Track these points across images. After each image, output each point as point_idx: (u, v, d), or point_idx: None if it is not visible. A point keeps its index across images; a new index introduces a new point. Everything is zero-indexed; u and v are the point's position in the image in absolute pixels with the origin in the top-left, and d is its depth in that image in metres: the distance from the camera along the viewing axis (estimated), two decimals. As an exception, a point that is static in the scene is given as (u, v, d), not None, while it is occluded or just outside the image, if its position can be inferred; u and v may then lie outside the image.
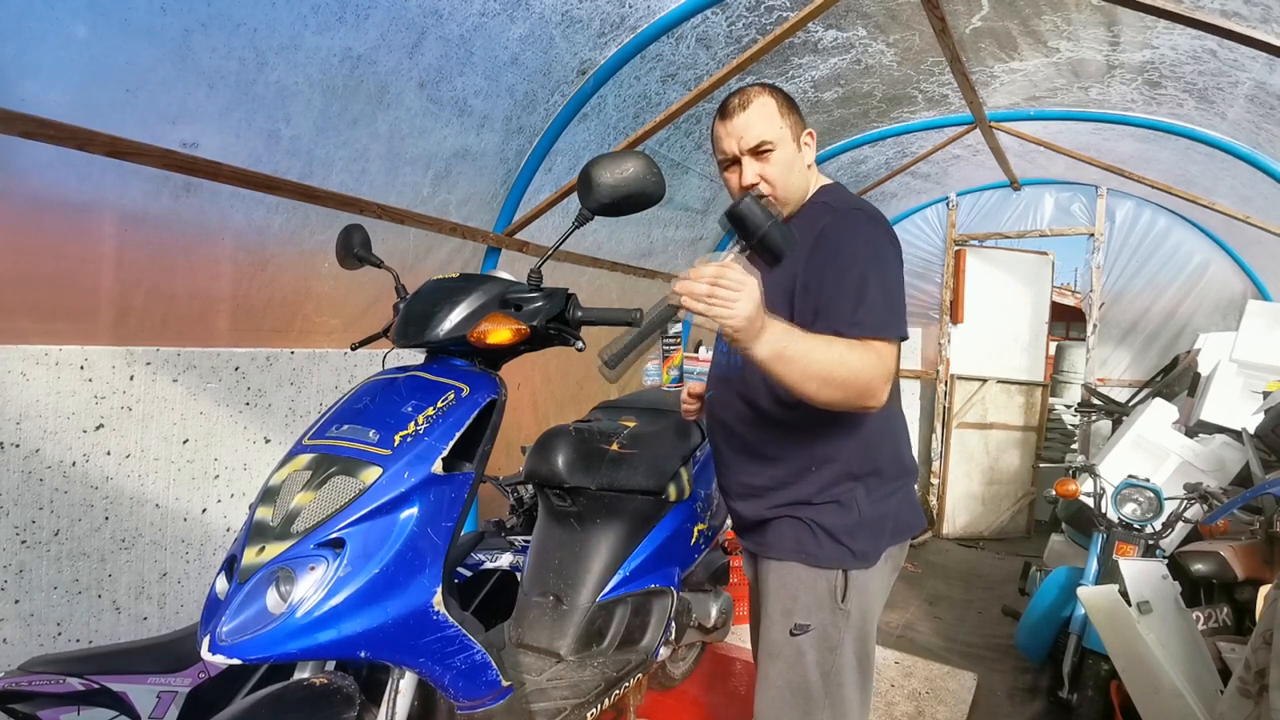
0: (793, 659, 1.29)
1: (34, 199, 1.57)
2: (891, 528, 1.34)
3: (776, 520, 1.34)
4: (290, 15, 1.74)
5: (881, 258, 1.23)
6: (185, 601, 1.97)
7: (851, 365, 1.11)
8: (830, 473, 1.30)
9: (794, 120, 1.32)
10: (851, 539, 1.28)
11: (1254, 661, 1.41)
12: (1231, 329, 3.47)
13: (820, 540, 1.29)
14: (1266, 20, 2.06)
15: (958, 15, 2.59)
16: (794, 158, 1.32)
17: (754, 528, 1.40)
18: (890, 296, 1.20)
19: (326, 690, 1.04)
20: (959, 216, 5.10)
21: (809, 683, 1.28)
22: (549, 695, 1.61)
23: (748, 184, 1.30)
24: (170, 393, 1.89)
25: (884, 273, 1.21)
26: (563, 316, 1.35)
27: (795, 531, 1.31)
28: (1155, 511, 2.33)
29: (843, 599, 1.28)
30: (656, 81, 2.79)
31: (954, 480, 4.94)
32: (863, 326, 1.15)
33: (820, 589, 1.28)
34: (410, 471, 1.11)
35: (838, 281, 1.19)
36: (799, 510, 1.31)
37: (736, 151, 1.31)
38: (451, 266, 2.75)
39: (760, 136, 1.28)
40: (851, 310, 1.16)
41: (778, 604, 1.32)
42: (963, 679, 2.69)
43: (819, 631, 1.28)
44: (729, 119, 1.31)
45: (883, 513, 1.32)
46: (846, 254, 1.21)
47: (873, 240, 1.24)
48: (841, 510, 1.29)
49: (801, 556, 1.30)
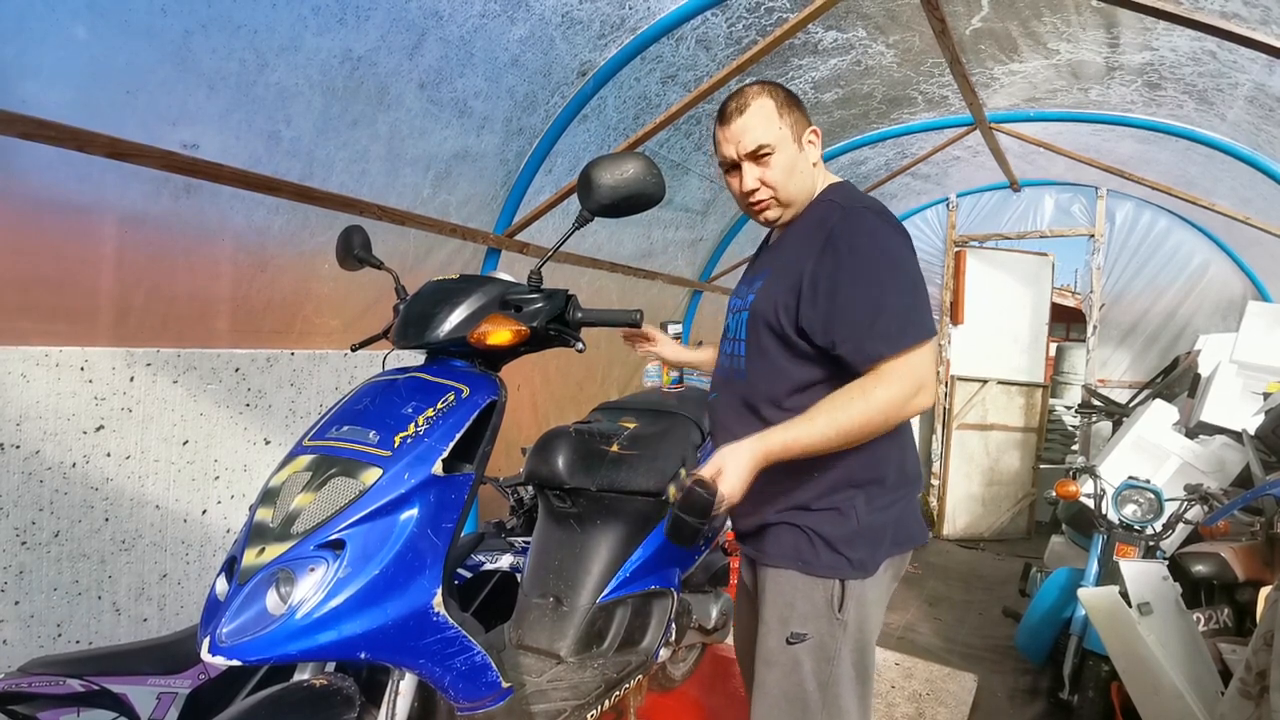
0: (789, 668, 1.27)
1: (34, 200, 1.57)
2: (891, 537, 1.31)
3: (775, 527, 1.32)
4: (290, 17, 1.74)
5: (895, 259, 1.20)
6: (185, 603, 1.97)
7: (865, 413, 1.12)
8: (831, 479, 1.27)
9: (795, 119, 1.29)
10: (849, 548, 1.26)
11: (1255, 663, 1.41)
12: (1232, 330, 3.47)
13: (818, 549, 1.26)
14: (1266, 22, 2.07)
15: (958, 16, 2.59)
16: (795, 158, 1.29)
17: (753, 534, 1.38)
18: (906, 299, 1.18)
19: (326, 692, 1.04)
20: (959, 217, 5.10)
21: (805, 692, 1.26)
22: (549, 697, 1.61)
23: (747, 190, 1.29)
24: (170, 394, 1.89)
25: (900, 273, 1.19)
26: (563, 317, 1.35)
27: (793, 539, 1.29)
28: (1156, 513, 2.33)
29: (839, 609, 1.26)
30: (656, 83, 2.79)
31: (954, 481, 4.94)
32: (886, 339, 1.14)
33: (817, 598, 1.26)
34: (410, 473, 1.11)
35: (851, 286, 1.17)
36: (797, 517, 1.29)
37: (735, 157, 1.29)
38: (451, 268, 2.75)
39: (758, 141, 1.26)
40: (870, 322, 1.15)
41: (774, 611, 1.30)
42: (963, 680, 2.68)
43: (816, 641, 1.26)
44: (727, 124, 1.28)
45: (883, 522, 1.29)
46: (858, 257, 1.18)
47: (885, 239, 1.21)
48: (840, 518, 1.27)
49: (799, 565, 1.28)
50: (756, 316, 1.30)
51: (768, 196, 1.30)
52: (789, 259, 1.28)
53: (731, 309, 1.42)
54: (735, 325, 1.38)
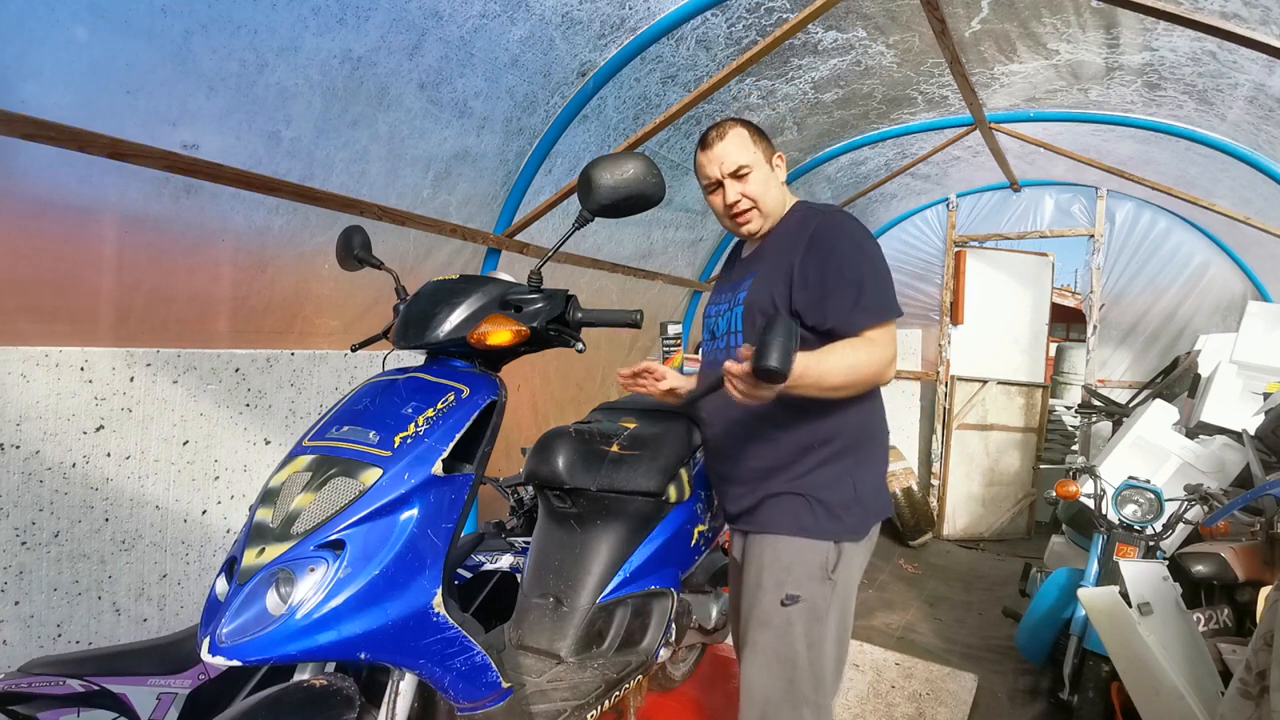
0: (782, 628, 1.39)
1: (35, 201, 1.57)
2: (877, 508, 1.48)
3: (775, 498, 1.44)
4: (290, 17, 1.75)
5: (869, 249, 1.41)
6: (185, 603, 1.97)
7: (858, 366, 1.30)
8: (829, 450, 1.43)
9: (765, 146, 1.53)
10: (847, 513, 1.41)
11: (1255, 663, 1.41)
12: (1232, 330, 3.47)
13: (817, 514, 1.40)
14: (1266, 22, 2.07)
15: (957, 17, 2.59)
16: (769, 177, 1.51)
17: (750, 510, 1.49)
18: (883, 282, 1.39)
19: (326, 692, 1.04)
20: (959, 218, 5.10)
21: (795, 652, 1.39)
22: (549, 697, 1.61)
23: (730, 201, 1.49)
24: (170, 394, 1.89)
25: (875, 263, 1.40)
26: (563, 318, 1.35)
27: (793, 507, 1.41)
28: (1156, 513, 2.33)
29: (833, 570, 1.40)
30: (656, 83, 2.79)
31: (954, 481, 4.94)
32: (868, 312, 1.34)
33: (812, 561, 1.39)
34: (410, 473, 1.11)
35: (839, 273, 1.36)
36: (798, 485, 1.42)
37: (719, 175, 1.49)
38: (452, 268, 2.75)
39: (738, 161, 1.47)
40: (855, 299, 1.34)
41: (771, 576, 1.41)
42: (963, 680, 2.68)
43: (809, 603, 1.39)
44: (710, 148, 1.49)
45: (874, 489, 1.47)
46: (842, 249, 1.39)
47: (860, 235, 1.42)
48: (840, 486, 1.42)
49: (798, 530, 1.41)
50: (752, 308, 1.46)
51: (750, 207, 1.50)
52: (776, 258, 1.47)
53: (715, 314, 1.61)
54: (727, 323, 1.53)
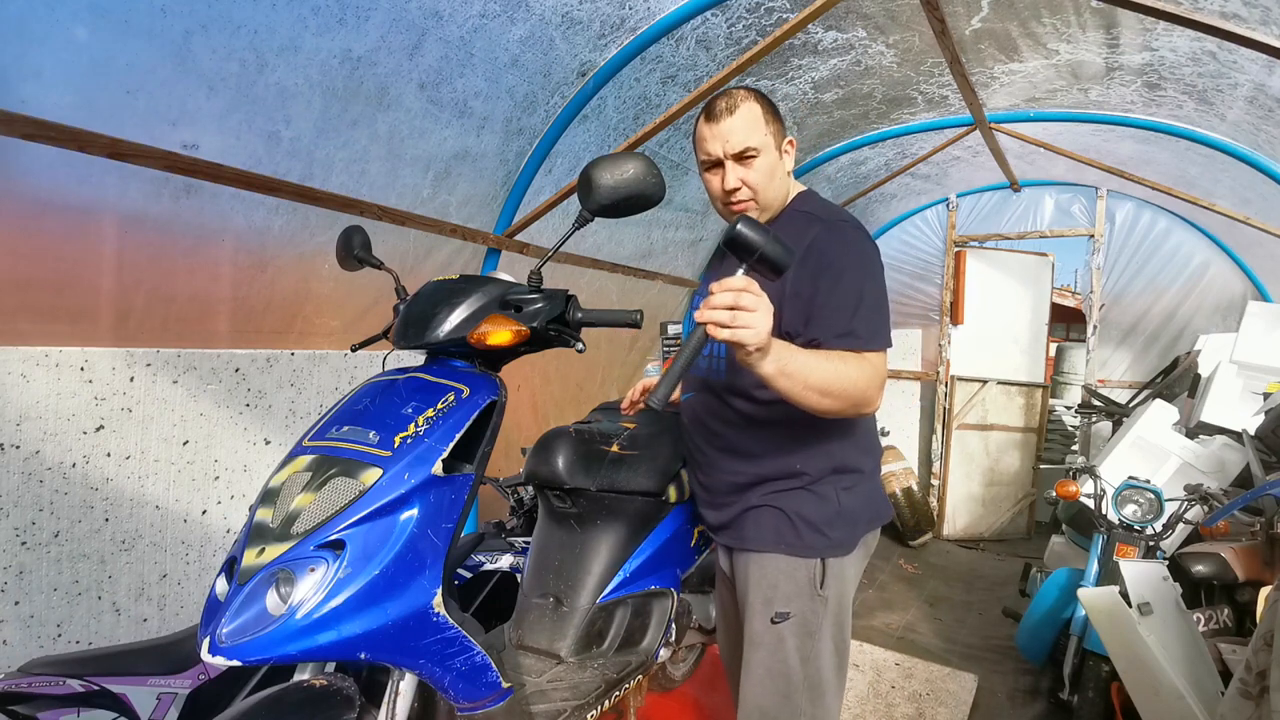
0: (773, 646, 1.34)
1: (35, 201, 1.57)
2: (866, 517, 1.40)
3: (756, 510, 1.38)
4: (290, 17, 1.74)
5: (871, 271, 1.28)
6: (185, 603, 1.97)
7: (848, 377, 1.18)
8: (812, 466, 1.35)
9: (777, 128, 1.35)
10: (830, 528, 1.34)
11: (1255, 663, 1.41)
12: (1232, 330, 3.47)
13: (800, 530, 1.33)
14: (1266, 22, 2.07)
15: (957, 17, 2.59)
16: (776, 164, 1.35)
17: (731, 523, 1.44)
18: (880, 309, 1.26)
19: (326, 692, 1.04)
20: (959, 218, 5.10)
21: (789, 668, 1.33)
22: (549, 697, 1.61)
23: (730, 188, 1.33)
24: (170, 394, 1.89)
25: (875, 286, 1.27)
26: (563, 318, 1.35)
27: (775, 523, 1.35)
28: (1156, 513, 2.33)
29: (821, 585, 1.33)
30: (656, 83, 2.79)
31: (954, 481, 4.94)
32: (857, 336, 1.21)
33: (800, 577, 1.33)
34: (410, 473, 1.11)
35: (831, 292, 1.24)
36: (779, 500, 1.36)
37: (721, 155, 1.32)
38: (452, 268, 2.75)
39: (745, 142, 1.30)
40: (847, 320, 1.22)
41: (759, 594, 1.36)
42: (963, 680, 2.68)
43: (799, 619, 1.33)
44: (715, 121, 1.32)
45: (860, 503, 1.38)
46: (839, 266, 1.25)
47: (863, 253, 1.29)
48: (821, 502, 1.34)
49: (782, 547, 1.34)
50: None
51: (748, 198, 1.34)
52: None
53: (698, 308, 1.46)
54: None
